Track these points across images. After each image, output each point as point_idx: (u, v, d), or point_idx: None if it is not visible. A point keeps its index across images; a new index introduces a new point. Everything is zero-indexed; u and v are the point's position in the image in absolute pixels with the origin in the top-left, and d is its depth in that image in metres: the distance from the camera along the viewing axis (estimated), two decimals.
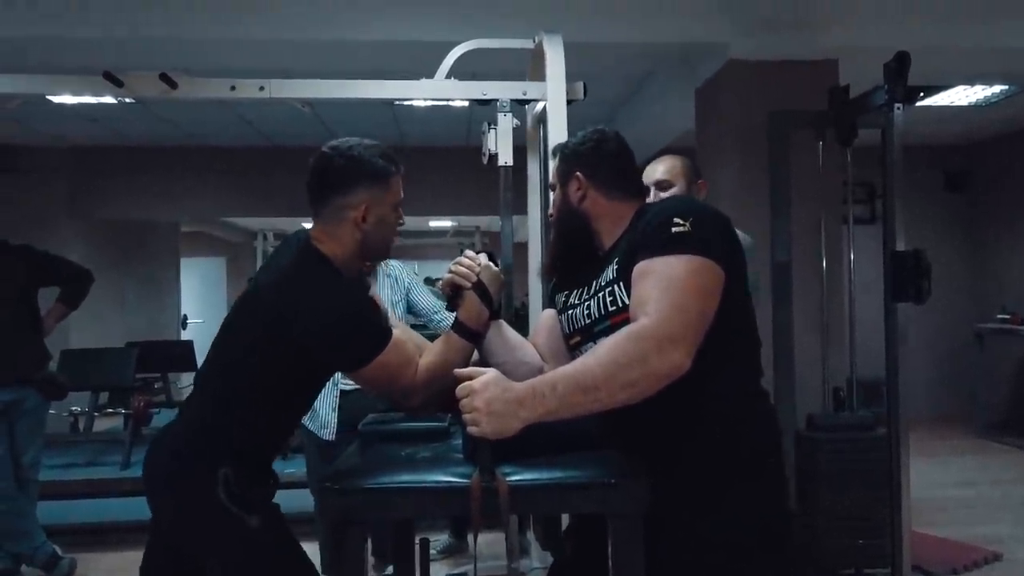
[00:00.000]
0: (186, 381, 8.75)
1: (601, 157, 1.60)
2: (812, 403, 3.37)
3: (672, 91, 4.65)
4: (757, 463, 1.44)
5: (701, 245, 1.34)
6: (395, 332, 1.58)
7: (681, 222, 1.36)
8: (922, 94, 5.21)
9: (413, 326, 2.28)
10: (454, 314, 1.62)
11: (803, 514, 3.20)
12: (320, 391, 1.74)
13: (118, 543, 3.95)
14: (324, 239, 1.61)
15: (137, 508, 4.09)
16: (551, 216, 1.69)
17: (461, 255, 1.67)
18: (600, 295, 1.50)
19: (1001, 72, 4.49)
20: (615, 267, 1.48)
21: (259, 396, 1.58)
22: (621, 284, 1.44)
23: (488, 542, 3.49)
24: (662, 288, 1.30)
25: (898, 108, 2.77)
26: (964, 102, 5.45)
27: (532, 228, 3.08)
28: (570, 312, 1.60)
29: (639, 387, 1.24)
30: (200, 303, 12.25)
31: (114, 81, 2.66)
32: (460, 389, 1.24)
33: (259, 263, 12.33)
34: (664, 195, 2.25)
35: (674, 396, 1.28)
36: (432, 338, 1.69)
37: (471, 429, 1.22)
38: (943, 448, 5.82)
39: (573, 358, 1.47)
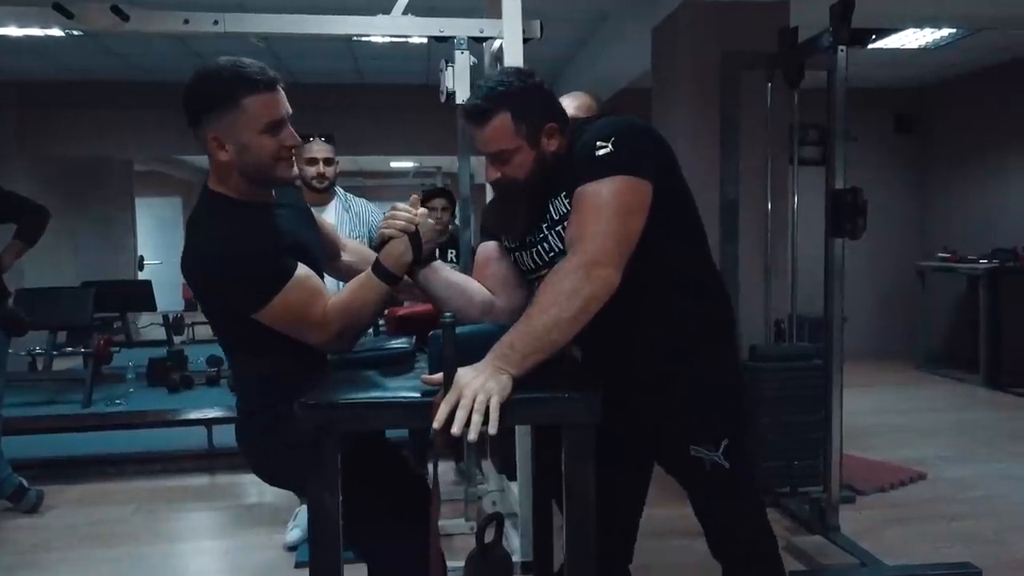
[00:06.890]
0: (145, 321, 8.71)
1: (553, 96, 1.60)
2: (756, 336, 3.54)
3: (630, 31, 4.68)
4: (719, 330, 1.68)
5: (623, 164, 1.42)
6: (299, 268, 1.49)
7: (604, 144, 1.44)
8: (874, 36, 5.35)
9: None
10: None
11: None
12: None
13: (82, 476, 4.03)
14: (211, 175, 1.55)
15: (98, 442, 4.26)
16: (501, 180, 1.56)
17: (396, 207, 1.58)
18: (557, 229, 1.55)
19: (948, 16, 4.60)
20: (565, 200, 1.52)
21: (253, 347, 1.55)
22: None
23: (443, 471, 3.64)
24: (587, 219, 1.40)
25: (842, 51, 2.85)
26: (914, 45, 5.58)
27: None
28: (531, 250, 1.61)
29: (585, 313, 1.35)
30: (156, 244, 12.06)
31: (64, 12, 2.61)
32: (446, 398, 1.24)
33: None
34: None
35: (638, 291, 1.45)
36: None
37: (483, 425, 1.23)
38: (882, 379, 6.12)
39: (535, 288, 1.52)
